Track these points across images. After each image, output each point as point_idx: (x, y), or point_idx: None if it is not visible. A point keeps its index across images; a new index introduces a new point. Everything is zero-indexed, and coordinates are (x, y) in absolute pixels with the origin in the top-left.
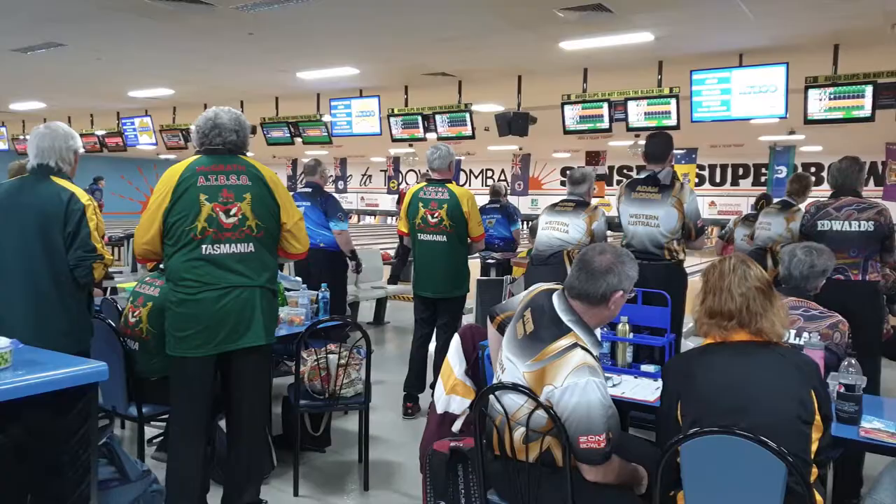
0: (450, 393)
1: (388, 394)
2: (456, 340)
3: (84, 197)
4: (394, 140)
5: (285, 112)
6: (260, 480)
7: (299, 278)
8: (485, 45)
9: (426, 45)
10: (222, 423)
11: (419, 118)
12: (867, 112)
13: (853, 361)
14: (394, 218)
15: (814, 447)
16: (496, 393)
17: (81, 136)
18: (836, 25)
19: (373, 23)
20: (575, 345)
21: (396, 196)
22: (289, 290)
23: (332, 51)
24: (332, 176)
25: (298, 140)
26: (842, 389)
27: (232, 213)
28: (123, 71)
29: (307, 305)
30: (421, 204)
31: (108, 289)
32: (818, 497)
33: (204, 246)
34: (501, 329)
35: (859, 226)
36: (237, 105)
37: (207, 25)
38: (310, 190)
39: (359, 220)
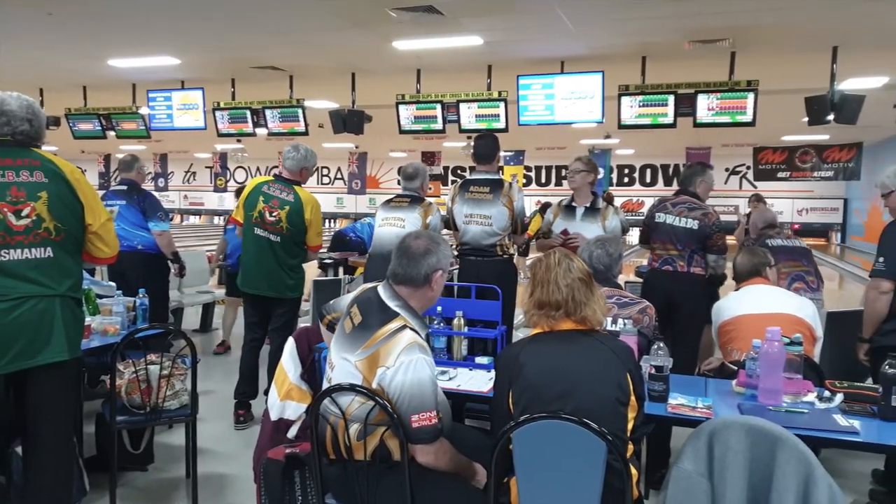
0: (284, 398)
1: (218, 404)
2: (290, 344)
3: None
4: (220, 135)
5: (95, 103)
6: None
7: (113, 284)
8: (317, 41)
9: (254, 38)
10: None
11: (248, 112)
12: (670, 119)
13: (661, 345)
14: (220, 218)
15: (630, 425)
16: (332, 395)
17: None
18: (642, 39)
19: (193, 10)
20: (404, 326)
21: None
22: (101, 296)
23: (148, 38)
24: (150, 173)
25: (111, 134)
26: (652, 371)
27: (24, 213)
28: None
29: (123, 313)
30: (262, 198)
31: None
32: (634, 470)
33: None
34: (332, 328)
35: (686, 223)
36: (35, 94)
37: None
38: (125, 188)
39: (182, 221)
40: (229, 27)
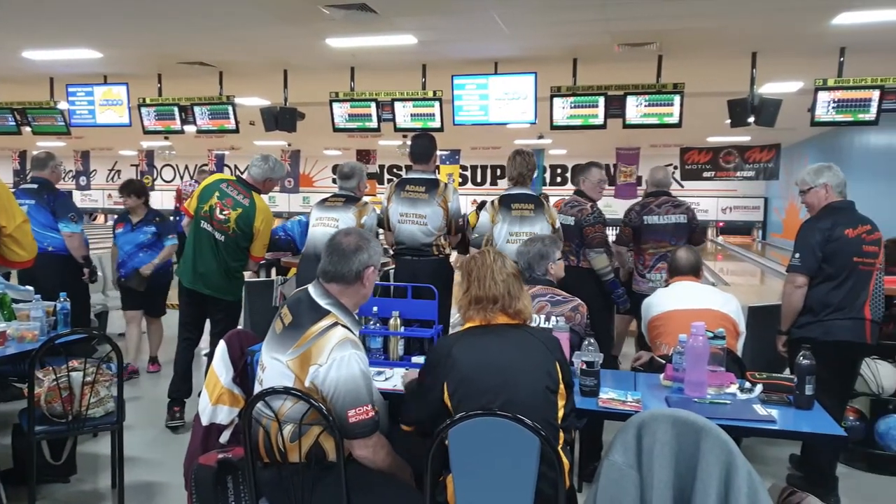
0: (216, 403)
1: (147, 410)
2: (221, 347)
3: None
4: (146, 132)
5: (9, 97)
6: None
7: (31, 288)
8: (247, 37)
9: (181, 33)
10: None
11: (175, 109)
12: (601, 120)
13: (592, 341)
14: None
15: (560, 413)
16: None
17: None
18: (573, 42)
19: (116, 1)
20: (335, 324)
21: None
22: (17, 301)
23: (67, 29)
24: (70, 171)
25: (27, 129)
26: (584, 366)
27: None
28: None
29: (42, 318)
30: (217, 194)
31: None
32: (566, 461)
33: None
34: None
35: (567, 220)
36: None
37: None
38: (35, 186)
39: (106, 221)
40: (154, 20)
